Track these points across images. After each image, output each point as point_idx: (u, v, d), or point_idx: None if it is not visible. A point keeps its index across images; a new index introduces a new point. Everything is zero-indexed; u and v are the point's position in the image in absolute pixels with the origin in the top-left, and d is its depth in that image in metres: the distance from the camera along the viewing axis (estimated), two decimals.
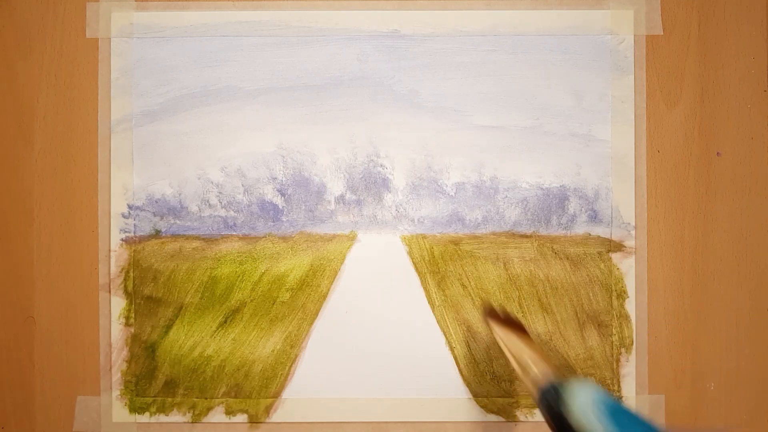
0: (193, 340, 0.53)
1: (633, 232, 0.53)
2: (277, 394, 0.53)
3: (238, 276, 0.53)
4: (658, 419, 0.52)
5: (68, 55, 0.53)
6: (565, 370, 0.51)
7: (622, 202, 0.53)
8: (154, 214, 0.53)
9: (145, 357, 0.53)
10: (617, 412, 0.33)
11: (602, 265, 0.53)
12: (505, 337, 0.44)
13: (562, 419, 0.35)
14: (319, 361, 0.53)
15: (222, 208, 0.54)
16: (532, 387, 0.40)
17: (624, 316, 0.53)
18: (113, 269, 0.53)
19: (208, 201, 0.54)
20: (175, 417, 0.52)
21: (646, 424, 0.32)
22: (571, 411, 0.34)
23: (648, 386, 0.52)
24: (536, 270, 0.53)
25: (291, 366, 0.53)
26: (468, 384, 0.53)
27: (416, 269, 0.53)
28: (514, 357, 0.42)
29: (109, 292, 0.53)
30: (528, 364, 0.41)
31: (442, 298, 0.53)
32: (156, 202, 0.53)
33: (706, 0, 0.53)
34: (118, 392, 0.53)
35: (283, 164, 0.54)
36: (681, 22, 0.53)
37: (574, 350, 0.53)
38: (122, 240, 0.53)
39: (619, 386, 0.52)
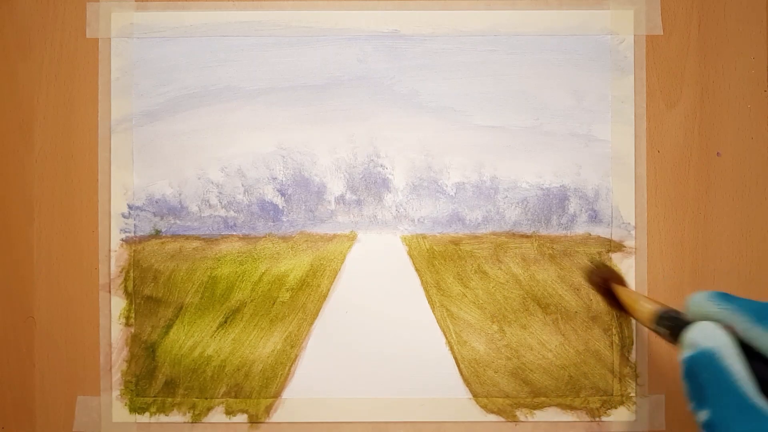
0: (193, 340, 0.53)
1: (633, 232, 0.53)
2: (277, 394, 0.53)
3: (238, 276, 0.53)
4: (658, 419, 0.52)
5: (68, 55, 0.53)
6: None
7: (622, 202, 0.53)
8: (154, 214, 0.53)
9: (145, 357, 0.53)
10: (728, 296, 0.36)
11: None
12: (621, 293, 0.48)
13: (684, 323, 0.37)
14: (319, 361, 0.53)
15: (222, 208, 0.54)
16: (650, 317, 0.42)
17: (624, 316, 0.53)
18: (113, 269, 0.53)
19: (208, 201, 0.54)
20: (175, 417, 0.52)
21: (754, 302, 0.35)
22: (689, 309, 0.37)
23: (648, 386, 0.52)
24: (536, 270, 0.53)
25: (291, 366, 0.53)
26: (468, 384, 0.53)
27: (416, 269, 0.53)
28: (630, 305, 0.46)
29: (109, 292, 0.53)
30: (641, 303, 0.45)
31: (442, 298, 0.53)
32: (156, 202, 0.53)
33: (706, 0, 0.53)
34: (118, 392, 0.53)
35: (283, 164, 0.54)
36: (681, 22, 0.53)
37: (575, 349, 0.53)
38: (122, 240, 0.53)
39: (619, 386, 0.52)
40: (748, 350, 0.34)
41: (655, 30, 0.53)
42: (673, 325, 0.39)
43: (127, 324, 0.53)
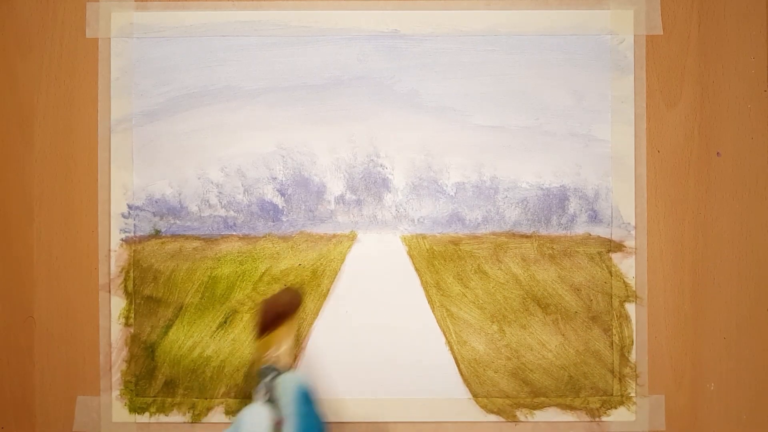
0: (192, 340, 0.53)
1: (633, 232, 0.53)
2: None
3: (239, 276, 0.53)
4: (658, 419, 0.52)
5: (68, 55, 0.53)
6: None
7: (622, 202, 0.53)
8: (154, 214, 0.53)
9: (144, 357, 0.53)
10: (306, 397, 0.40)
11: (602, 265, 0.53)
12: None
13: (271, 390, 0.42)
14: (319, 360, 0.53)
15: (222, 208, 0.54)
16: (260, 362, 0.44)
17: (624, 316, 0.53)
18: (113, 269, 0.53)
19: (208, 201, 0.54)
20: (175, 417, 0.52)
21: (317, 413, 0.39)
22: (278, 386, 0.41)
23: (648, 386, 0.52)
24: (536, 270, 0.53)
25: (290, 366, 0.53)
26: (468, 384, 0.53)
27: (416, 269, 0.53)
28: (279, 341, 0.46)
29: (109, 292, 0.53)
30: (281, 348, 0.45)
31: (442, 298, 0.53)
32: (156, 202, 0.53)
33: (706, 0, 0.53)
34: (118, 392, 0.53)
35: (283, 164, 0.54)
36: (681, 22, 0.53)
37: (575, 349, 0.53)
38: (122, 240, 0.53)
39: (619, 386, 0.52)
40: None
41: (655, 30, 0.53)
42: (260, 382, 0.42)
43: (126, 324, 0.53)
